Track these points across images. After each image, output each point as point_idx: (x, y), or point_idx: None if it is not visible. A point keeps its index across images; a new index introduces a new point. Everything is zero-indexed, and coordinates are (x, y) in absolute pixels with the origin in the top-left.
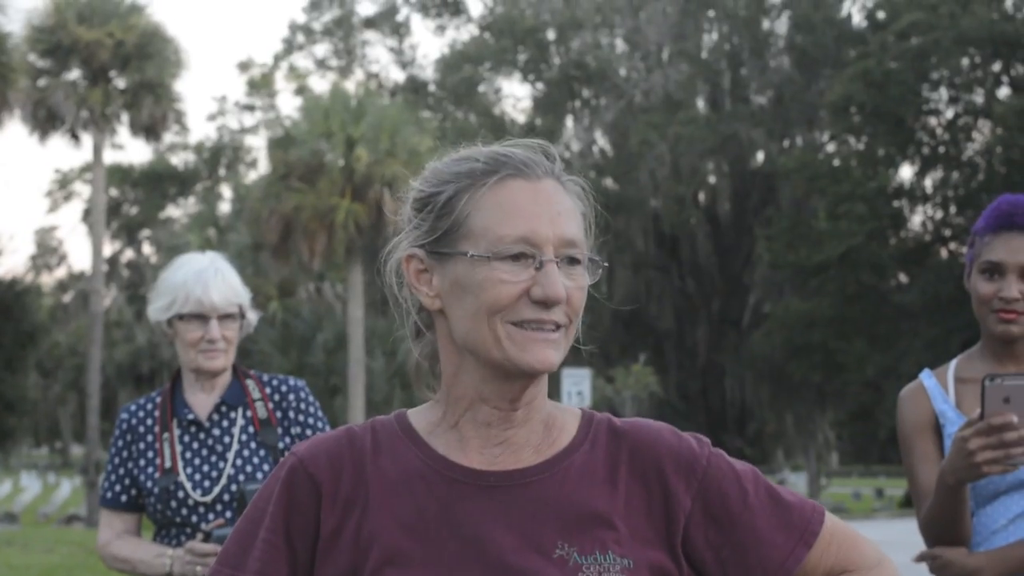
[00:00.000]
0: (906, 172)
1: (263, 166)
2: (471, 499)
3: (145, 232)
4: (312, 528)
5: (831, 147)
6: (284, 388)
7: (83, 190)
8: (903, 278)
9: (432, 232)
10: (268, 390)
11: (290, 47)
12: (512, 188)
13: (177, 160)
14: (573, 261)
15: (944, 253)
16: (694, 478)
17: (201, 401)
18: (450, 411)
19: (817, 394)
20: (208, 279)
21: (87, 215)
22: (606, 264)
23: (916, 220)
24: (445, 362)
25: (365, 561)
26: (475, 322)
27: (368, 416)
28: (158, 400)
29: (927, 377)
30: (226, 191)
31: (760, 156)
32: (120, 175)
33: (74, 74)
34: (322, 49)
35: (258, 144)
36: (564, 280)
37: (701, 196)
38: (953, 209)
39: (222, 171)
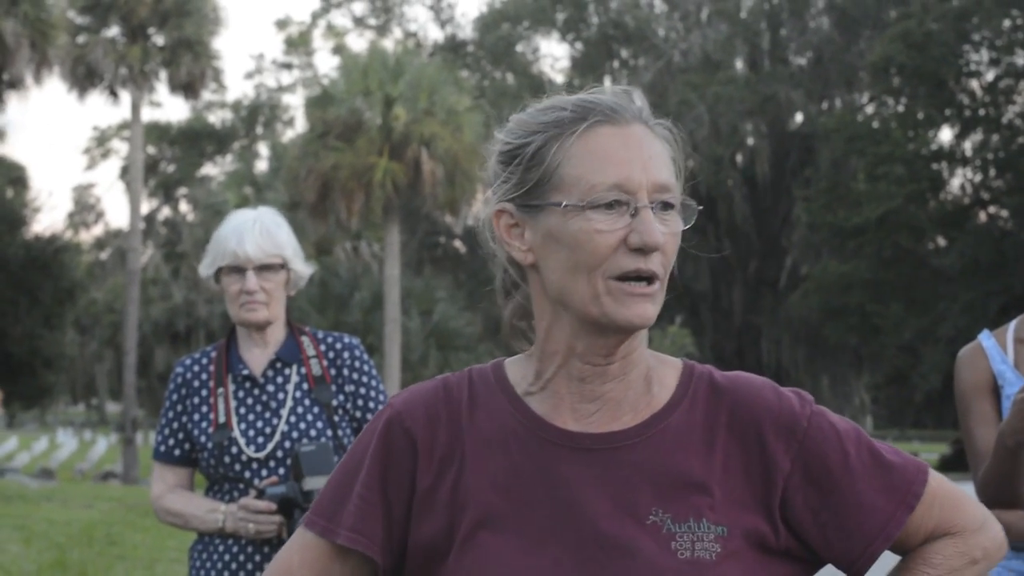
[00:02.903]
0: (946, 134)
1: (300, 125)
2: (566, 462)
3: (182, 190)
4: (408, 484)
5: (870, 108)
6: (339, 346)
7: (121, 148)
8: (941, 241)
9: (522, 185)
10: (323, 347)
11: (328, 5)
12: (602, 134)
13: (214, 118)
14: (667, 206)
15: (983, 216)
16: (794, 439)
17: (256, 357)
18: (544, 367)
19: (853, 357)
20: (244, 231)
21: (125, 172)
22: (700, 208)
23: (955, 183)
24: (538, 317)
25: (460, 521)
26: (571, 276)
27: (404, 376)
28: (213, 355)
29: (986, 338)
30: (263, 149)
31: (799, 117)
32: (158, 133)
33: (113, 31)
34: (360, 7)
35: (295, 103)
36: (659, 226)
37: (739, 157)
38: (992, 172)
39: (259, 129)
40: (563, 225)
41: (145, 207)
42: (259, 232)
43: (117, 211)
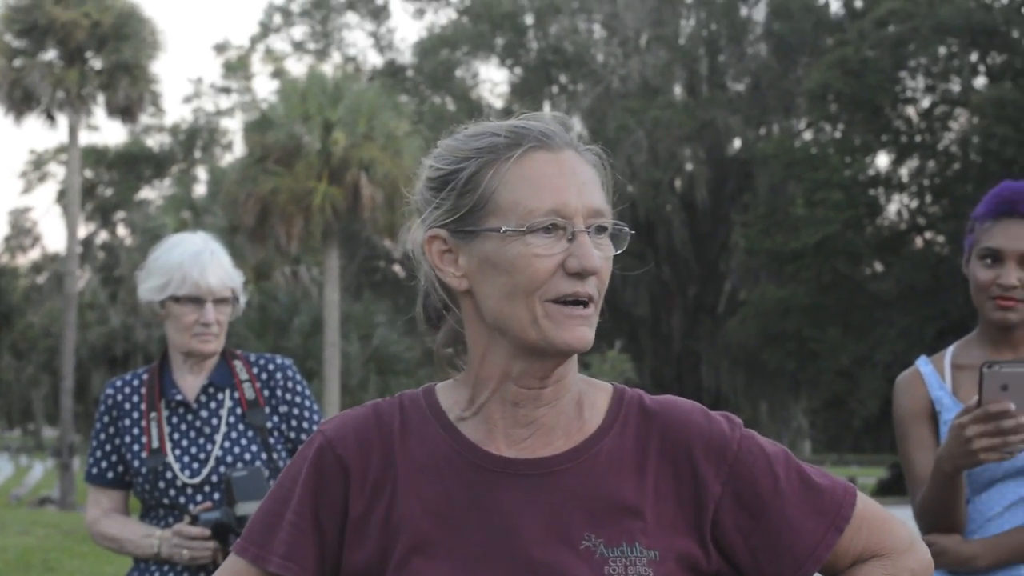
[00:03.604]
0: (882, 160)
1: (239, 149)
2: (499, 488)
3: (120, 214)
4: (340, 511)
5: (808, 135)
6: (271, 367)
7: (58, 171)
8: (878, 267)
9: (455, 211)
10: (255, 370)
11: (267, 29)
12: (537, 160)
13: (152, 142)
14: (601, 230)
15: (919, 242)
16: (724, 463)
17: (189, 382)
18: (477, 393)
19: (791, 382)
20: (205, 262)
21: (62, 196)
22: (633, 231)
23: (892, 209)
24: (472, 343)
25: (393, 547)
26: (509, 301)
27: (343, 400)
28: (144, 378)
29: (924, 363)
30: (201, 174)
31: (737, 143)
32: (95, 156)
33: (50, 54)
34: (299, 32)
35: (234, 127)
36: (594, 251)
37: (677, 182)
38: (929, 198)
39: (197, 153)
40: (501, 250)
41: (82, 231)
42: (217, 264)
43: (54, 235)
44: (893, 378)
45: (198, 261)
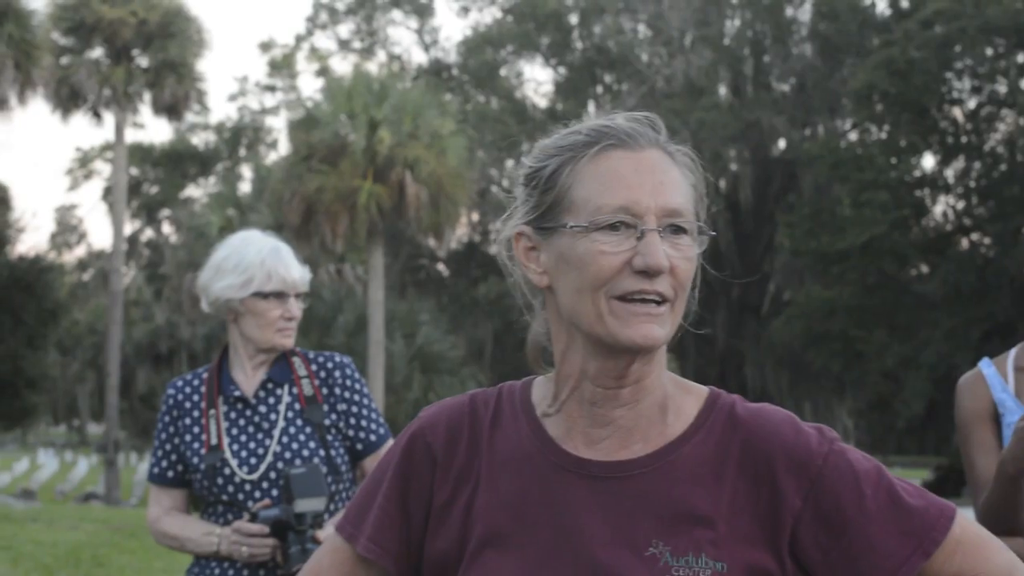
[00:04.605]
0: (928, 161)
1: (283, 147)
2: (572, 487)
3: (165, 212)
4: (427, 498)
5: (853, 135)
6: (330, 365)
7: (104, 169)
8: (924, 268)
9: (538, 208)
10: (314, 367)
11: (312, 27)
12: (613, 158)
13: (198, 140)
14: (678, 230)
15: (965, 243)
16: (806, 477)
17: (248, 378)
18: (560, 390)
19: (836, 382)
20: (286, 257)
21: (108, 194)
22: (713, 233)
23: (938, 210)
24: (555, 340)
25: (470, 538)
26: (579, 297)
27: (387, 399)
28: (204, 376)
29: (986, 366)
30: (246, 172)
31: (782, 143)
32: (141, 154)
33: (97, 52)
34: (345, 30)
35: (279, 125)
36: (669, 250)
37: (722, 183)
38: (975, 199)
39: (242, 151)
40: (572, 246)
41: (128, 228)
42: (293, 259)
43: (100, 232)
44: (938, 380)
45: (280, 257)
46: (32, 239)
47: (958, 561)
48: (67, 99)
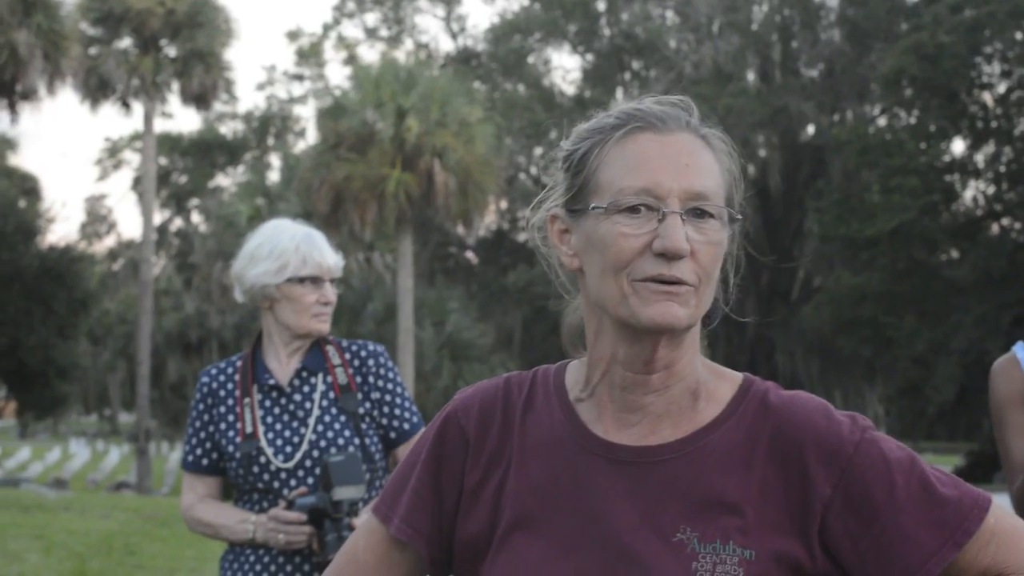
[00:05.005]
0: (958, 146)
1: (312, 136)
2: (601, 472)
3: (194, 201)
4: (459, 480)
5: (882, 120)
6: (364, 353)
7: (133, 158)
8: (954, 253)
9: (570, 190)
10: (348, 355)
11: (340, 16)
12: (639, 140)
13: (226, 129)
14: (703, 214)
15: (996, 228)
16: (837, 465)
17: (282, 366)
18: (592, 374)
19: (866, 369)
20: (320, 243)
21: (137, 183)
22: (740, 218)
23: (968, 195)
24: (587, 324)
25: (500, 521)
26: (603, 279)
27: (417, 386)
28: (238, 364)
29: (1020, 349)
30: (275, 160)
31: (811, 129)
32: (169, 144)
33: (125, 42)
34: (372, 18)
35: (307, 114)
36: (692, 234)
37: (751, 169)
38: (1005, 184)
39: (271, 140)
40: (596, 228)
41: (157, 218)
42: (327, 245)
43: (129, 222)
44: (969, 365)
45: (314, 243)
46: (62, 229)
47: (992, 552)
48: (96, 89)
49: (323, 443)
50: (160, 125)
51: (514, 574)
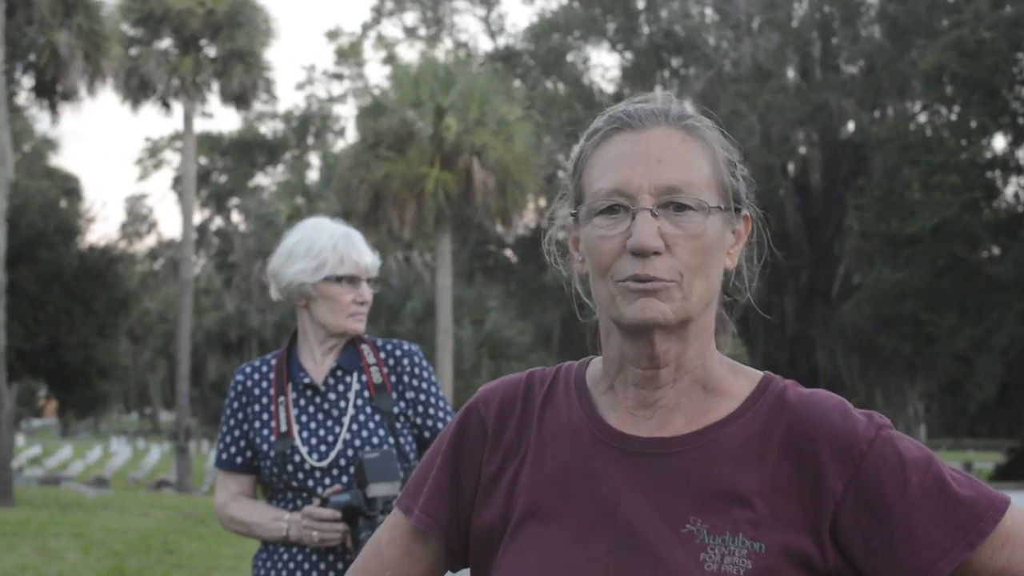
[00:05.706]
0: (999, 143)
1: (351, 135)
2: (614, 462)
3: (234, 200)
4: (476, 470)
5: (923, 117)
6: (398, 353)
7: (173, 158)
8: (996, 250)
9: (571, 196)
10: (383, 355)
11: (379, 16)
12: (614, 142)
13: (266, 129)
14: (682, 207)
15: None
16: (850, 462)
17: (317, 365)
18: (607, 372)
19: (907, 366)
20: (358, 242)
21: (177, 183)
22: (722, 207)
23: (1009, 191)
24: (600, 324)
25: (513, 511)
26: (595, 282)
27: (456, 385)
28: (273, 363)
29: None
30: (314, 160)
31: (851, 126)
32: (210, 143)
33: (165, 43)
34: (411, 18)
35: (346, 113)
36: (669, 228)
37: (791, 166)
38: None
39: (310, 140)
40: (585, 233)
41: (197, 217)
42: (364, 245)
43: (169, 221)
44: (1010, 362)
45: (352, 242)
46: (103, 229)
47: (1007, 555)
48: (136, 89)
49: (357, 442)
50: (200, 125)
51: (526, 562)
